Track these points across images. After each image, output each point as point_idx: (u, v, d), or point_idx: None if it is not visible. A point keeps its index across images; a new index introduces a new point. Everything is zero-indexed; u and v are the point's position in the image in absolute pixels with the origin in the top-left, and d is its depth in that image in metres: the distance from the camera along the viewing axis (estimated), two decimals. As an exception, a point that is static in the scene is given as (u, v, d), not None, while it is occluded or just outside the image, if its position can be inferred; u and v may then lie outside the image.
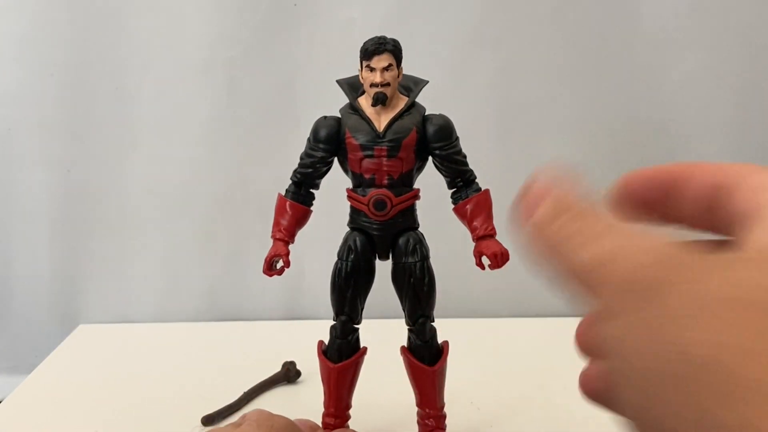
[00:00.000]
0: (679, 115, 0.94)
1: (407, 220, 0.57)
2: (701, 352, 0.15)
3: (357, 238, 0.57)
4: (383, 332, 0.62)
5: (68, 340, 0.92)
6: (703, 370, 0.15)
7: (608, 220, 0.20)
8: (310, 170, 0.57)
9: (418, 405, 0.60)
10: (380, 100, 0.54)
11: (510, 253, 0.55)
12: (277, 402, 0.72)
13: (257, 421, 0.24)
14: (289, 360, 0.77)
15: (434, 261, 0.57)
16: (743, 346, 0.15)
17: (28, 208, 0.95)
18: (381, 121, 0.55)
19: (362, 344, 0.59)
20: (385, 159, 0.55)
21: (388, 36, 0.55)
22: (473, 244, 0.56)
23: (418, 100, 0.57)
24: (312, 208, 0.59)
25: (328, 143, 0.56)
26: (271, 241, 0.57)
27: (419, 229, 0.58)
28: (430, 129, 0.56)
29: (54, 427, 0.68)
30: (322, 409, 0.59)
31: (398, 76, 0.56)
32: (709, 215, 0.22)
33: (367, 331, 0.59)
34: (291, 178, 0.58)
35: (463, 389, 0.65)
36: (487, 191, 0.57)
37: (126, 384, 0.77)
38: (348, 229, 0.58)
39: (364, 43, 0.55)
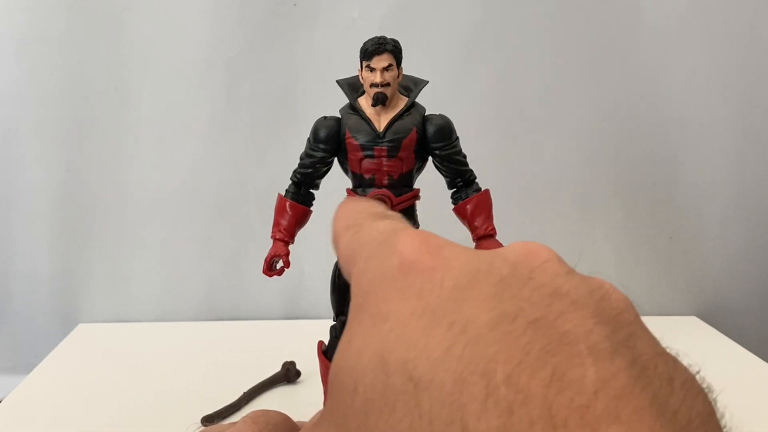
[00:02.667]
0: (679, 114, 0.94)
1: (407, 220, 0.57)
2: None
3: (357, 238, 0.56)
4: (383, 332, 0.62)
5: (68, 339, 0.92)
6: None
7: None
8: (310, 170, 0.57)
9: (418, 405, 0.60)
10: (380, 100, 0.54)
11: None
12: (277, 402, 0.72)
13: (253, 418, 0.24)
14: (289, 360, 0.77)
15: (434, 261, 0.57)
16: None
17: (28, 208, 0.95)
18: (381, 121, 0.55)
19: (362, 344, 0.59)
20: (385, 159, 0.55)
21: (388, 36, 0.55)
22: (473, 243, 0.56)
23: (418, 100, 0.57)
24: (312, 209, 0.59)
25: (328, 143, 0.56)
26: (270, 242, 0.57)
27: (419, 229, 0.58)
28: (430, 129, 0.56)
29: (54, 427, 0.68)
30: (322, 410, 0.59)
31: (398, 77, 0.56)
32: None
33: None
34: (291, 179, 0.58)
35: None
36: (487, 191, 0.57)
37: (125, 384, 0.77)
38: (348, 229, 0.58)
39: (364, 44, 0.55)
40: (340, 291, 0.57)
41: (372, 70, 0.54)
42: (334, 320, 0.58)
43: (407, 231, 0.19)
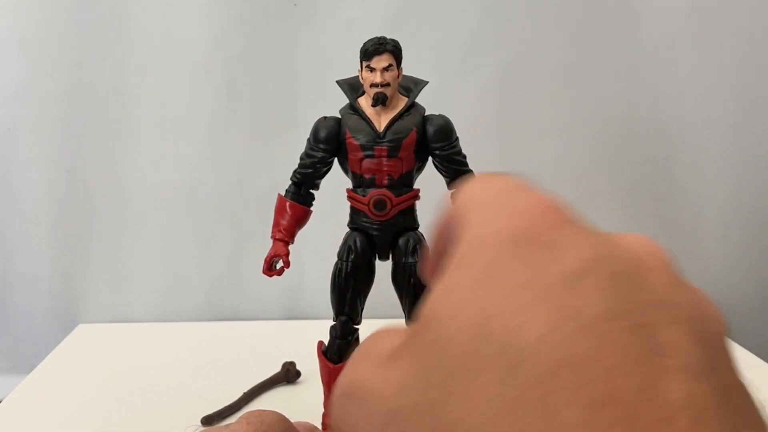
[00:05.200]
0: (679, 114, 0.94)
1: (407, 220, 0.57)
2: None
3: (357, 239, 0.57)
4: (383, 332, 0.62)
5: (68, 339, 0.92)
6: None
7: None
8: (310, 170, 0.57)
9: (418, 405, 0.59)
10: (380, 101, 0.54)
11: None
12: (277, 402, 0.72)
13: (247, 418, 0.24)
14: (289, 360, 0.77)
15: (434, 261, 0.57)
16: None
17: (28, 208, 0.95)
18: (381, 121, 0.55)
19: (362, 344, 0.59)
20: (385, 159, 0.55)
21: (388, 36, 0.55)
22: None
23: (418, 100, 0.57)
24: (312, 209, 0.59)
25: (328, 144, 0.56)
26: (270, 242, 0.57)
27: (419, 229, 0.58)
28: (430, 129, 0.56)
29: (54, 427, 0.68)
30: (322, 410, 0.59)
31: (398, 77, 0.56)
32: None
33: (367, 331, 0.59)
34: (291, 179, 0.58)
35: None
36: (487, 191, 0.57)
37: (125, 384, 0.77)
38: (348, 229, 0.58)
39: (364, 44, 0.55)
40: (340, 291, 0.57)
41: (372, 70, 0.54)
42: (334, 320, 0.58)
43: (532, 193, 0.18)
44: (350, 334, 0.58)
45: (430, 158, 0.57)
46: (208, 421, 0.66)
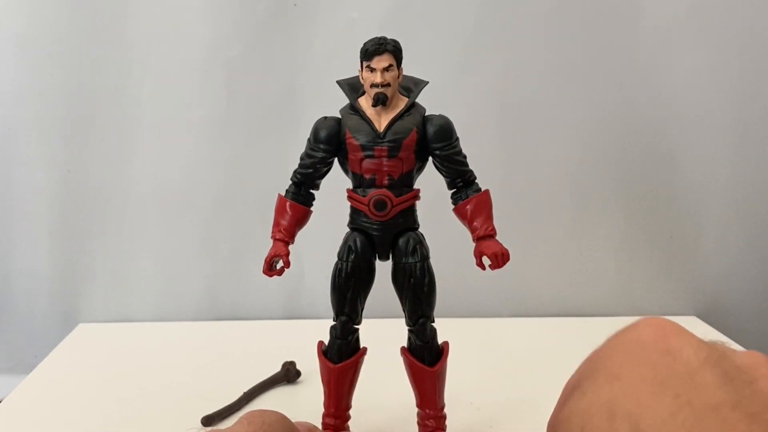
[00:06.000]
0: (679, 114, 0.94)
1: (407, 220, 0.57)
2: None
3: (357, 239, 0.57)
4: (383, 332, 0.62)
5: (68, 339, 0.92)
6: None
7: None
8: (311, 171, 0.57)
9: (418, 406, 0.60)
10: (381, 101, 0.54)
11: (510, 253, 0.55)
12: (277, 402, 0.72)
13: (248, 418, 0.25)
14: (289, 360, 0.77)
15: (434, 261, 0.57)
16: None
17: (28, 208, 0.95)
18: (381, 121, 0.55)
19: (362, 344, 0.59)
20: (385, 159, 0.55)
21: (388, 36, 0.55)
22: (473, 244, 0.56)
23: (418, 100, 0.57)
24: (312, 209, 0.59)
25: (329, 144, 0.56)
26: (270, 242, 0.57)
27: (419, 229, 0.58)
28: (431, 129, 0.56)
29: (54, 427, 0.68)
30: (322, 410, 0.59)
31: (398, 77, 0.56)
32: None
33: (367, 331, 0.59)
34: (291, 179, 0.58)
35: (463, 390, 0.65)
36: (487, 192, 0.57)
37: (125, 384, 0.77)
38: (348, 229, 0.58)
39: (365, 44, 0.55)
40: (340, 291, 0.57)
41: (372, 70, 0.54)
42: (334, 320, 0.58)
43: (649, 318, 0.23)
44: (350, 334, 0.58)
45: (430, 158, 0.57)
46: (208, 421, 0.66)
